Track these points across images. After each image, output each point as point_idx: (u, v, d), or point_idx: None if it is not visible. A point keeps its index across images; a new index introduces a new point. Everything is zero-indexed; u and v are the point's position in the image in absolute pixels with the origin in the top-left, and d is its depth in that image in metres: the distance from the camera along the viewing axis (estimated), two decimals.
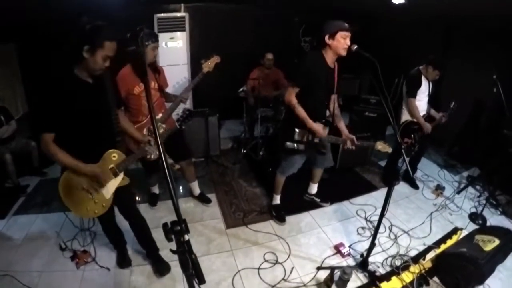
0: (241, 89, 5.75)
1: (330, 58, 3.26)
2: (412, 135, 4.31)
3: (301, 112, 3.28)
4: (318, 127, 3.32)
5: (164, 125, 3.45)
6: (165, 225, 1.46)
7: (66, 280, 3.11)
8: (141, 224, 3.10)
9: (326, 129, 3.44)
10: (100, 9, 4.77)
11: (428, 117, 4.47)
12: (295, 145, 3.46)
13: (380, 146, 3.27)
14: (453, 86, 5.43)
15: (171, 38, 6.21)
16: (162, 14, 6.10)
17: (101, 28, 2.12)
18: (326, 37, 3.12)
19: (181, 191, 4.67)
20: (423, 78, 4.31)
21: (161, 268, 3.18)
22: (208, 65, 3.68)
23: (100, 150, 2.49)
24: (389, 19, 7.16)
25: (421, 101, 4.40)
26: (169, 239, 1.45)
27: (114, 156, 2.53)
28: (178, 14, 6.28)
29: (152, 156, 2.95)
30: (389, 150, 3.28)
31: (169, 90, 4.06)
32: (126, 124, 2.91)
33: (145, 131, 3.54)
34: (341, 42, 3.08)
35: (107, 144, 2.50)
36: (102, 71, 2.28)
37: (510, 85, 4.00)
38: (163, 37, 6.07)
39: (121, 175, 2.62)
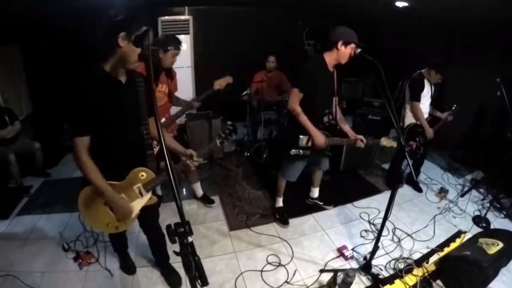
0: (244, 93, 5.74)
1: (331, 62, 3.28)
2: (417, 138, 4.30)
3: (305, 120, 3.29)
4: (320, 136, 3.33)
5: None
6: (168, 227, 1.44)
7: (69, 280, 3.11)
8: (161, 241, 2.89)
9: (325, 137, 3.43)
10: (104, 11, 4.79)
11: (432, 119, 4.47)
12: (300, 151, 3.47)
13: (385, 141, 3.27)
14: (456, 89, 5.43)
15: None
16: (166, 17, 6.14)
17: (137, 15, 1.94)
18: (340, 42, 3.11)
19: (184, 193, 4.67)
20: (425, 82, 4.32)
21: (173, 281, 3.08)
22: (219, 84, 3.71)
23: (128, 164, 2.26)
24: (393, 22, 7.16)
25: (424, 104, 4.40)
26: (173, 241, 1.43)
27: (142, 175, 2.30)
28: (182, 17, 6.33)
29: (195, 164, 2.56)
30: (394, 144, 3.28)
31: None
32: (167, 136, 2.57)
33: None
34: (349, 52, 3.10)
35: (136, 158, 2.27)
36: (137, 67, 2.04)
37: None
38: None
39: (148, 195, 2.38)
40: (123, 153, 2.22)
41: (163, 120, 3.54)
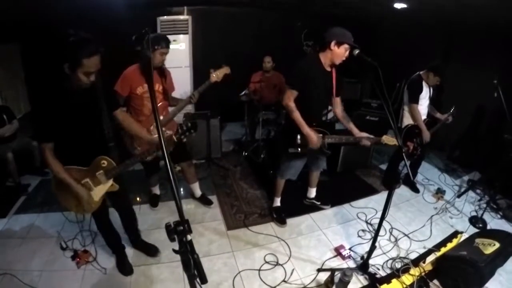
0: (243, 93, 5.75)
1: (326, 62, 3.29)
2: (415, 139, 4.32)
3: (298, 116, 3.30)
4: (313, 135, 3.33)
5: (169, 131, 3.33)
6: (168, 226, 1.45)
7: (67, 279, 3.11)
8: (132, 218, 3.38)
9: (320, 136, 3.43)
10: (104, 11, 4.80)
11: (431, 120, 4.49)
12: (299, 149, 3.48)
13: (386, 139, 3.28)
14: (454, 91, 5.44)
15: (174, 40, 6.24)
16: (165, 17, 6.14)
17: (80, 44, 2.07)
18: (333, 42, 3.13)
19: (182, 192, 4.67)
20: (423, 84, 4.34)
21: (152, 252, 3.43)
22: (216, 75, 3.63)
23: (91, 155, 2.54)
24: (391, 24, 7.19)
25: (422, 106, 4.42)
26: (172, 239, 1.44)
27: (103, 163, 2.57)
28: (181, 17, 6.33)
29: (149, 158, 2.81)
30: (395, 142, 3.29)
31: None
32: (131, 123, 2.84)
33: (152, 128, 3.51)
34: (343, 52, 3.13)
35: (98, 149, 2.54)
36: (89, 84, 2.25)
37: (510, 89, 4.01)
38: None
39: (109, 182, 2.67)
40: (86, 146, 2.48)
41: (161, 118, 3.53)
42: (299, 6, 6.45)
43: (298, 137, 3.43)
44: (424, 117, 4.47)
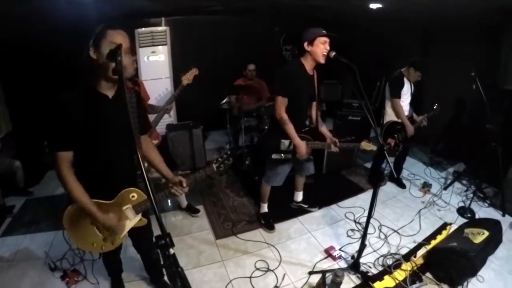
0: (224, 101, 5.74)
1: (309, 65, 3.29)
2: (396, 135, 4.34)
3: (291, 129, 3.30)
4: (302, 147, 3.33)
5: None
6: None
7: None
8: (154, 259, 2.79)
9: (305, 143, 3.42)
10: (80, 26, 4.75)
11: (410, 120, 4.51)
12: (282, 155, 3.48)
13: (365, 145, 3.29)
14: (435, 85, 5.50)
15: (153, 52, 6.25)
16: (143, 29, 6.12)
17: (102, 25, 1.87)
18: (305, 44, 3.16)
19: (169, 204, 4.60)
20: (405, 80, 4.38)
21: None
22: (187, 78, 3.73)
23: (117, 183, 2.17)
24: (368, 23, 7.25)
25: (404, 102, 4.45)
26: (155, 254, 1.42)
27: (133, 196, 2.21)
28: (159, 28, 6.32)
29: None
30: (374, 148, 3.31)
31: (152, 103, 4.05)
32: (155, 155, 2.46)
33: None
34: (320, 47, 3.10)
35: (126, 178, 2.20)
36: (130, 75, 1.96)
37: (488, 80, 4.06)
38: (144, 51, 6.11)
39: (138, 217, 2.27)
40: (112, 172, 2.11)
41: None
42: (275, 10, 6.47)
43: (282, 142, 3.43)
44: (406, 113, 4.49)
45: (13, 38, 4.89)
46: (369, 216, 2.91)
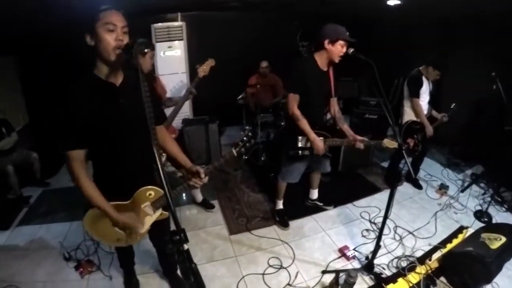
0: (240, 96, 5.74)
1: (322, 61, 3.26)
2: (415, 135, 4.28)
3: (305, 124, 3.28)
4: (319, 142, 3.31)
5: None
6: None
7: None
8: (170, 253, 2.69)
9: (323, 140, 3.40)
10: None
11: (429, 118, 4.45)
12: (300, 152, 3.45)
13: (388, 143, 3.24)
14: (453, 85, 5.41)
15: (169, 47, 6.27)
16: (160, 24, 6.13)
17: (93, 10, 1.77)
18: (326, 41, 3.10)
19: (184, 198, 4.65)
20: (423, 79, 4.32)
21: None
22: (203, 69, 3.67)
23: (134, 180, 2.09)
24: (386, 20, 7.16)
25: (423, 102, 4.40)
26: (169, 250, 1.41)
27: (150, 194, 2.15)
28: (176, 24, 6.32)
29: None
30: (396, 145, 3.26)
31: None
32: (172, 144, 2.40)
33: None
34: (339, 49, 3.07)
35: (142, 173, 2.11)
36: (118, 58, 1.75)
37: (509, 81, 3.98)
38: (161, 46, 6.13)
39: (158, 211, 2.24)
40: (127, 168, 2.04)
41: None
42: (292, 5, 6.43)
43: (299, 139, 3.41)
44: (425, 112, 4.43)
45: (30, 30, 4.94)
46: (385, 217, 2.89)
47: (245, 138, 2.20)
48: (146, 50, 3.24)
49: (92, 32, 1.73)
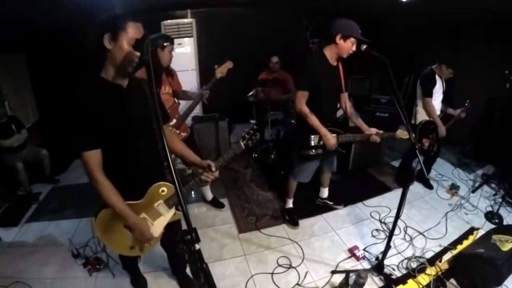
0: (250, 93, 5.72)
1: (332, 56, 3.23)
2: (431, 135, 4.23)
3: (314, 120, 3.24)
4: (330, 136, 3.27)
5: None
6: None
7: (79, 287, 3.12)
8: (181, 258, 2.60)
9: (335, 137, 3.36)
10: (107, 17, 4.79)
11: (444, 116, 4.41)
12: (313, 151, 3.43)
13: (401, 134, 3.20)
14: (465, 83, 5.35)
15: (179, 44, 6.28)
16: (169, 21, 6.14)
17: (122, 14, 1.78)
18: (338, 36, 3.05)
19: (193, 196, 4.66)
20: (437, 77, 4.27)
21: None
22: (221, 71, 3.66)
23: (145, 179, 2.07)
24: (397, 16, 7.10)
25: (436, 100, 4.36)
26: (180, 249, 1.39)
27: (163, 191, 2.11)
28: (185, 20, 6.34)
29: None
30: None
31: None
32: (177, 143, 2.39)
33: None
34: (350, 46, 3.06)
35: (153, 172, 2.07)
36: (134, 67, 1.77)
37: None
38: None
39: (172, 211, 2.20)
40: (138, 167, 2.02)
41: (174, 121, 3.51)
42: (303, 2, 6.40)
43: (312, 138, 3.38)
44: (438, 112, 4.40)
45: (40, 28, 4.97)
46: (397, 217, 2.85)
47: (250, 130, 2.20)
48: (165, 44, 3.24)
49: (115, 38, 1.73)
